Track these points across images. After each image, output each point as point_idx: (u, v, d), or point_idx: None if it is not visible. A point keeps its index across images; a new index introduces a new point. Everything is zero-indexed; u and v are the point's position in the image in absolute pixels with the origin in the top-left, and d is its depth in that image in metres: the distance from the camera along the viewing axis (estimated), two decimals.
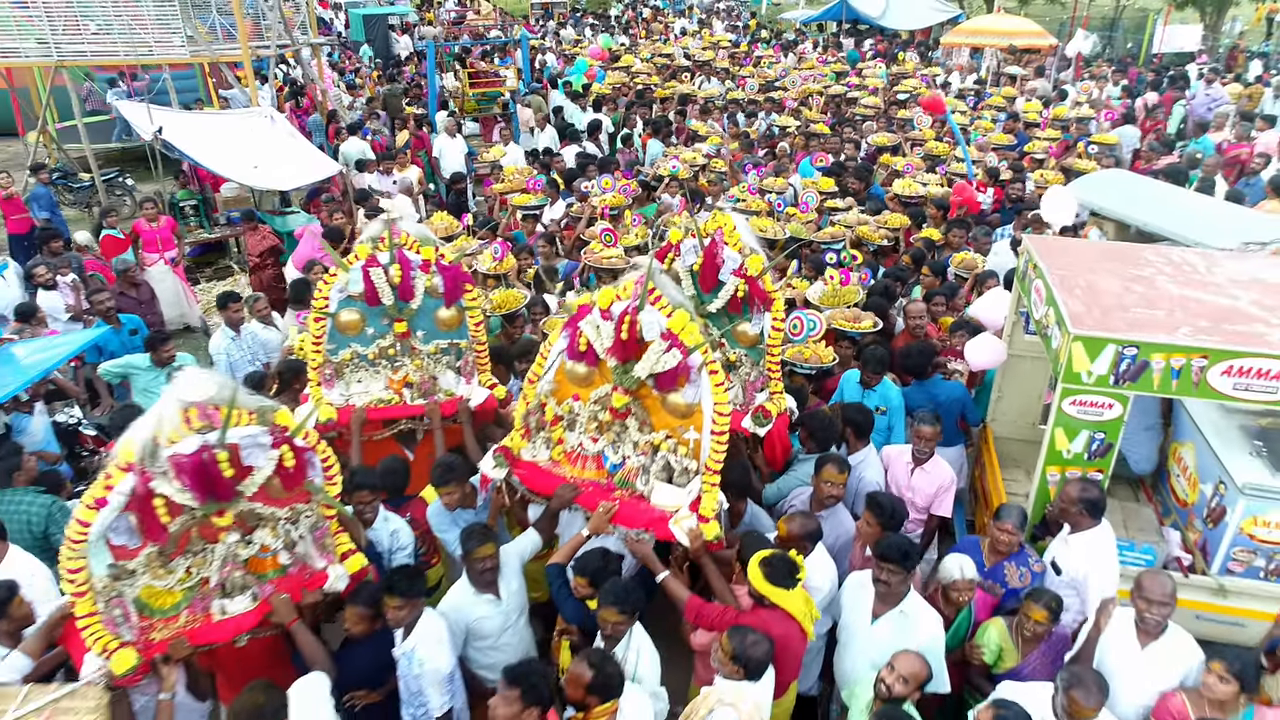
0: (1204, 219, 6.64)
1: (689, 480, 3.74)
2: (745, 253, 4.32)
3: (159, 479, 3.04)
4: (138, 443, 3.00)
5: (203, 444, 3.05)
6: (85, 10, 11.75)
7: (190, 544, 3.36)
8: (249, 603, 3.46)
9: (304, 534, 3.57)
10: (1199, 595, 4.26)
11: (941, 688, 3.57)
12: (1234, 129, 11.23)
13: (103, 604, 3.18)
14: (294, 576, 3.57)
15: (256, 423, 3.18)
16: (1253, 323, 4.03)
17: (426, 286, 4.77)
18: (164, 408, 3.04)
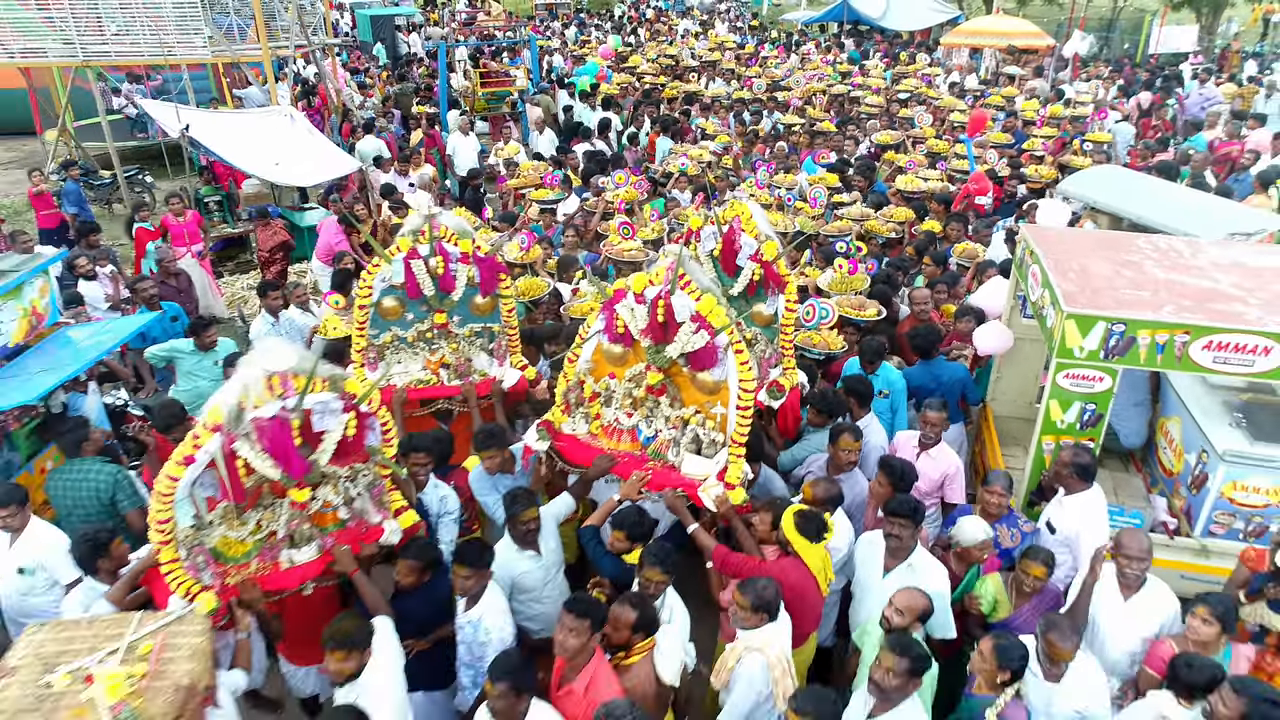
0: (1192, 212, 6.97)
1: (716, 451, 4.07)
2: (761, 239, 4.66)
3: (241, 441, 3.36)
4: (225, 406, 3.33)
5: (282, 408, 3.38)
6: (109, 12, 12.04)
7: (261, 499, 3.70)
8: (314, 553, 3.79)
9: (361, 491, 3.90)
10: (1183, 556, 4.61)
11: (948, 633, 3.91)
12: (1225, 127, 11.57)
13: (185, 552, 3.50)
14: (352, 530, 3.89)
15: (330, 390, 3.51)
16: (1231, 302, 4.38)
17: (467, 277, 5.10)
18: (249, 375, 3.36)
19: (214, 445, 3.34)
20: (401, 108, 15.90)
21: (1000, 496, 4.39)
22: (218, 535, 3.62)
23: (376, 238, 9.47)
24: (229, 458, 3.36)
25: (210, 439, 3.32)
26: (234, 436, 3.34)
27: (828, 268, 6.58)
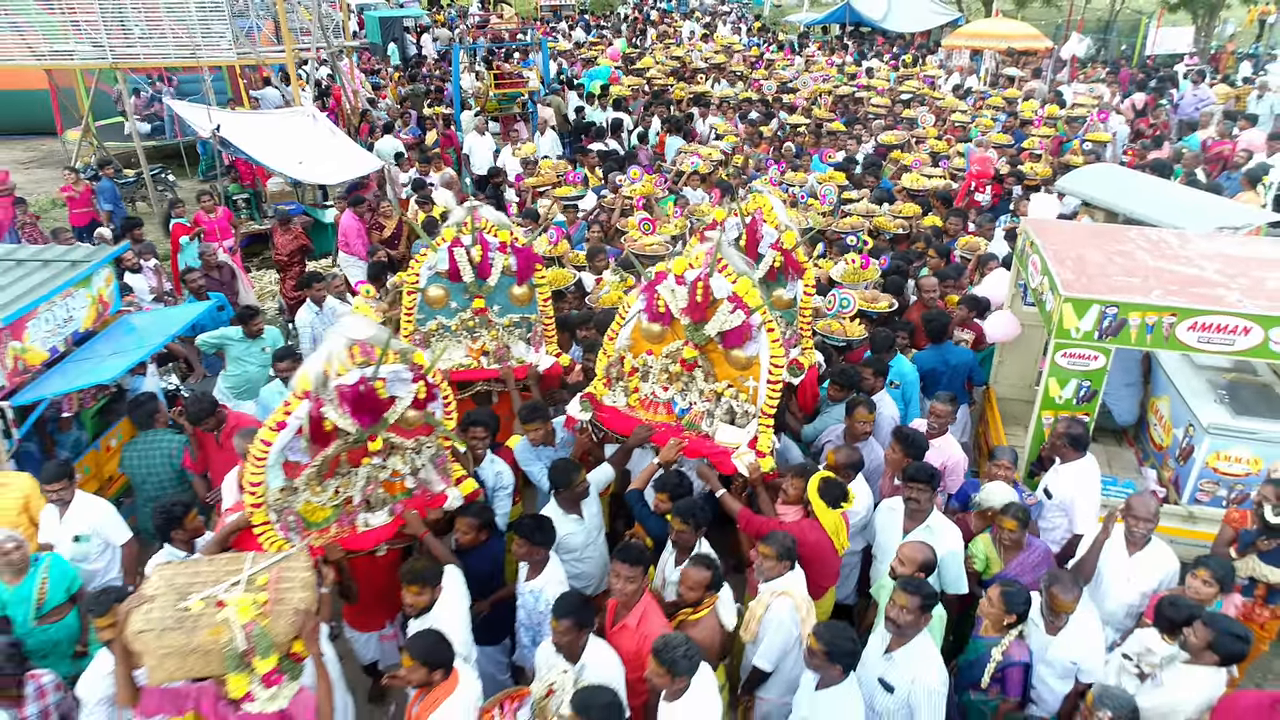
0: (1183, 207, 7.38)
1: (748, 422, 4.47)
2: (781, 229, 5.06)
3: (328, 405, 3.76)
4: (312, 374, 3.71)
5: (361, 376, 3.77)
6: (135, 14, 12.40)
7: (339, 467, 4.08)
8: (386, 518, 4.18)
9: (425, 462, 4.29)
10: (1172, 522, 5.00)
11: (960, 588, 4.31)
12: (1218, 127, 11.98)
13: (275, 515, 3.89)
14: (419, 497, 4.28)
15: (400, 361, 3.90)
16: (1215, 287, 4.78)
17: (503, 266, 5.50)
18: (332, 345, 3.74)
19: (303, 411, 3.72)
20: (414, 108, 16.30)
21: (1007, 470, 4.77)
22: (302, 500, 4.00)
23: (403, 233, 9.90)
24: (317, 421, 3.75)
25: (299, 405, 3.71)
26: (321, 401, 3.72)
27: (840, 260, 6.97)
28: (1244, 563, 4.38)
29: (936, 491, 4.39)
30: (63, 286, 5.42)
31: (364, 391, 3.79)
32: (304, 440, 3.82)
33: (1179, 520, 4.99)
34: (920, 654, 3.64)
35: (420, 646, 3.38)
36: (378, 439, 3.97)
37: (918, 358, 5.98)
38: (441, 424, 4.25)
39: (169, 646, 3.04)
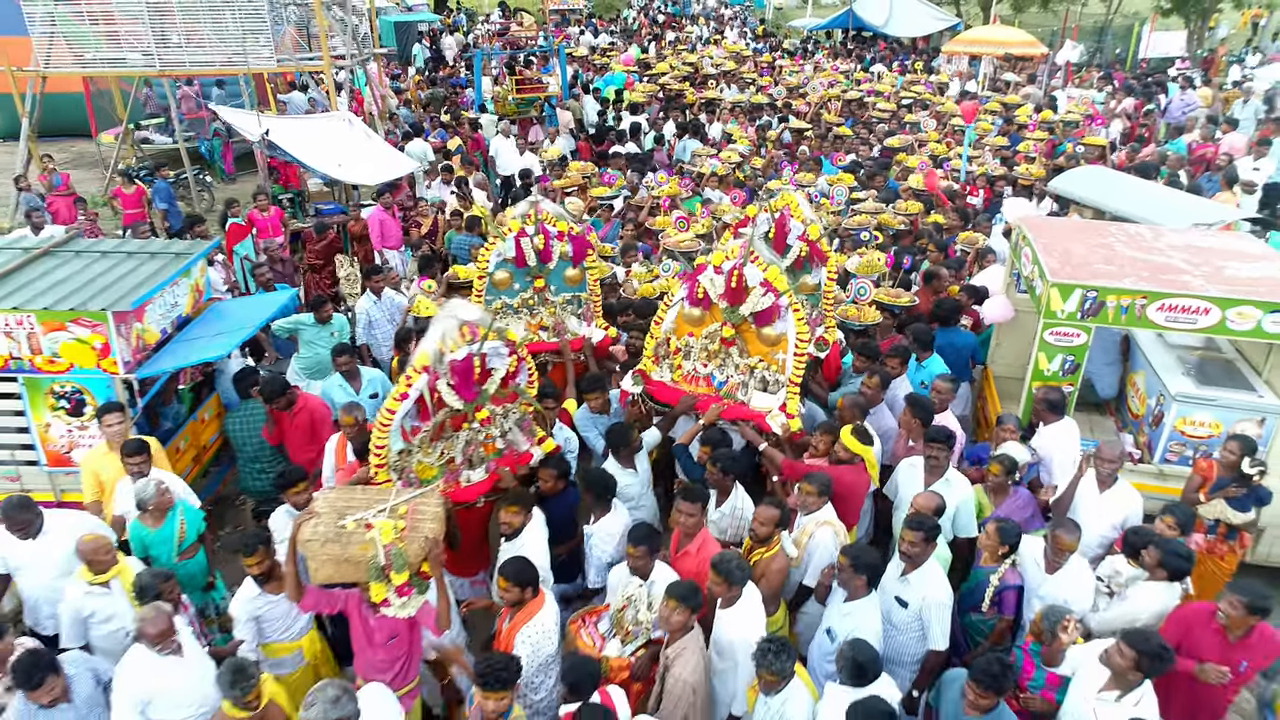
0: (1162, 206, 8.15)
1: (779, 390, 5.22)
2: (806, 222, 5.81)
3: (442, 380, 4.48)
4: (429, 351, 4.43)
5: (469, 352, 4.50)
6: (187, 23, 13.10)
7: (444, 432, 4.81)
8: (483, 474, 4.90)
9: (512, 425, 5.02)
10: (1146, 479, 5.75)
11: (971, 531, 5.05)
12: (1201, 131, 12.76)
13: (396, 474, 4.62)
14: (508, 456, 5.01)
15: (498, 338, 4.63)
16: (1180, 274, 5.55)
17: (560, 252, 6.27)
18: (445, 326, 4.46)
19: (422, 383, 4.44)
20: (435, 112, 17.04)
21: (1012, 432, 5.50)
22: (415, 460, 4.73)
23: (438, 229, 10.65)
24: (433, 393, 4.48)
25: (419, 379, 4.43)
26: (437, 375, 4.45)
27: (852, 254, 7.73)
28: (1211, 506, 5.12)
29: (952, 450, 5.14)
30: (174, 276, 6.17)
31: (471, 365, 4.53)
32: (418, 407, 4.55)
33: (1151, 478, 5.74)
34: (929, 576, 4.39)
35: (513, 569, 4.12)
36: (484, 409, 4.70)
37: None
38: (525, 392, 4.99)
39: (328, 555, 3.80)
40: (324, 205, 12.62)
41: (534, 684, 4.21)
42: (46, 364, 5.59)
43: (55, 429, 5.79)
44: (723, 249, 5.24)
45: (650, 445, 5.47)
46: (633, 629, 4.25)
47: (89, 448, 5.75)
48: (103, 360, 5.59)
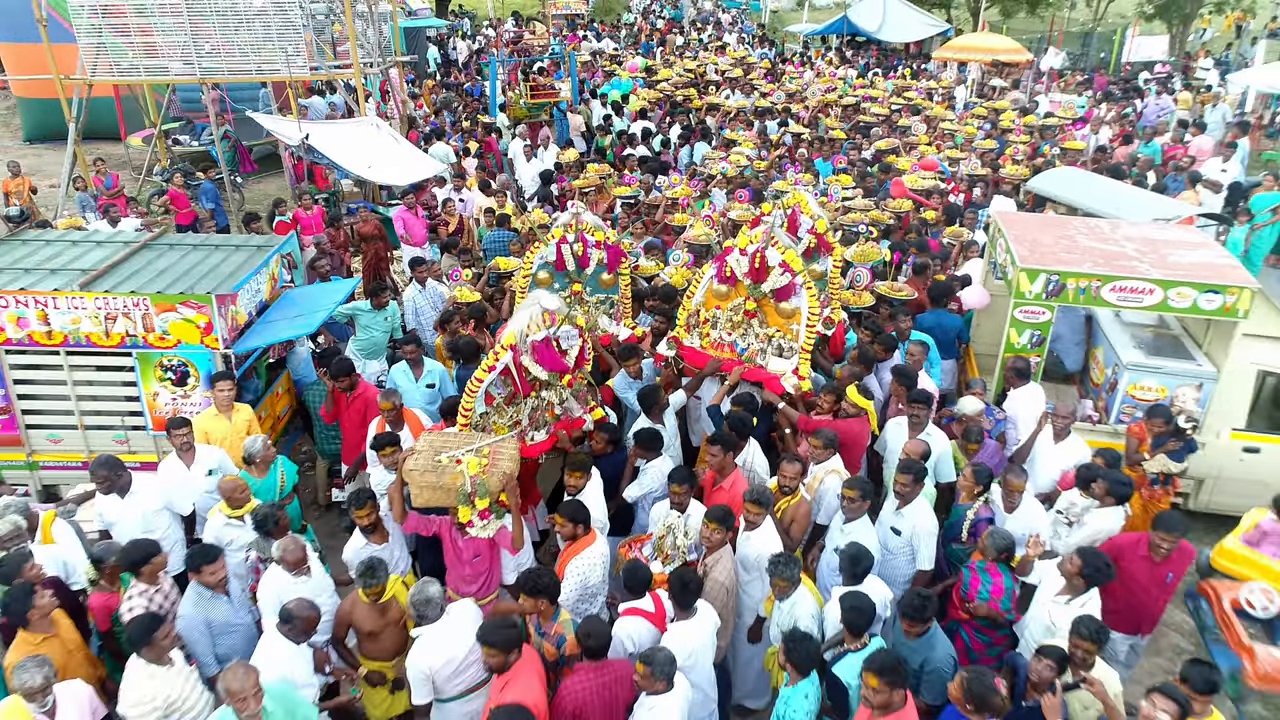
0: (1126, 203, 9.11)
1: (793, 356, 6.15)
2: (814, 217, 6.74)
3: (525, 355, 5.39)
4: (515, 332, 5.33)
5: (547, 335, 5.41)
6: (225, 33, 13.93)
7: (515, 399, 5.71)
8: (544, 435, 5.80)
9: (568, 396, 5.91)
10: (1103, 437, 6.69)
11: (950, 477, 5.97)
12: (1172, 134, 13.74)
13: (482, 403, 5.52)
14: (564, 421, 5.92)
15: (569, 324, 5.53)
16: (1131, 261, 6.50)
17: (598, 259, 7.15)
18: (530, 311, 5.34)
19: (507, 358, 5.34)
20: (450, 116, 17.94)
21: (979, 393, 6.45)
22: (492, 422, 5.65)
23: (464, 228, 11.56)
24: (517, 366, 5.39)
25: (505, 354, 5.33)
26: (520, 351, 5.36)
27: (851, 245, 8.66)
28: (1155, 462, 6.05)
29: (931, 409, 6.07)
30: (261, 266, 7.07)
31: (550, 344, 5.44)
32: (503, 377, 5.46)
33: (1108, 436, 6.68)
34: (918, 509, 5.31)
35: (568, 510, 5.03)
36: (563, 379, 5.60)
37: (920, 319, 7.59)
38: (580, 368, 5.89)
39: (426, 483, 4.71)
40: (354, 204, 13.49)
41: (579, 611, 5.03)
42: (157, 340, 6.48)
43: (161, 397, 6.67)
44: (747, 235, 6.16)
45: (676, 405, 6.39)
46: (671, 552, 5.17)
47: (189, 414, 6.64)
48: (205, 337, 6.48)
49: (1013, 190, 10.90)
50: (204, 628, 4.60)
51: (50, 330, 6.40)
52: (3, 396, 6.63)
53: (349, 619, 4.78)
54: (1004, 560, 4.82)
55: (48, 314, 6.35)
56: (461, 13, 35.70)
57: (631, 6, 41.37)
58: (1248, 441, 6.63)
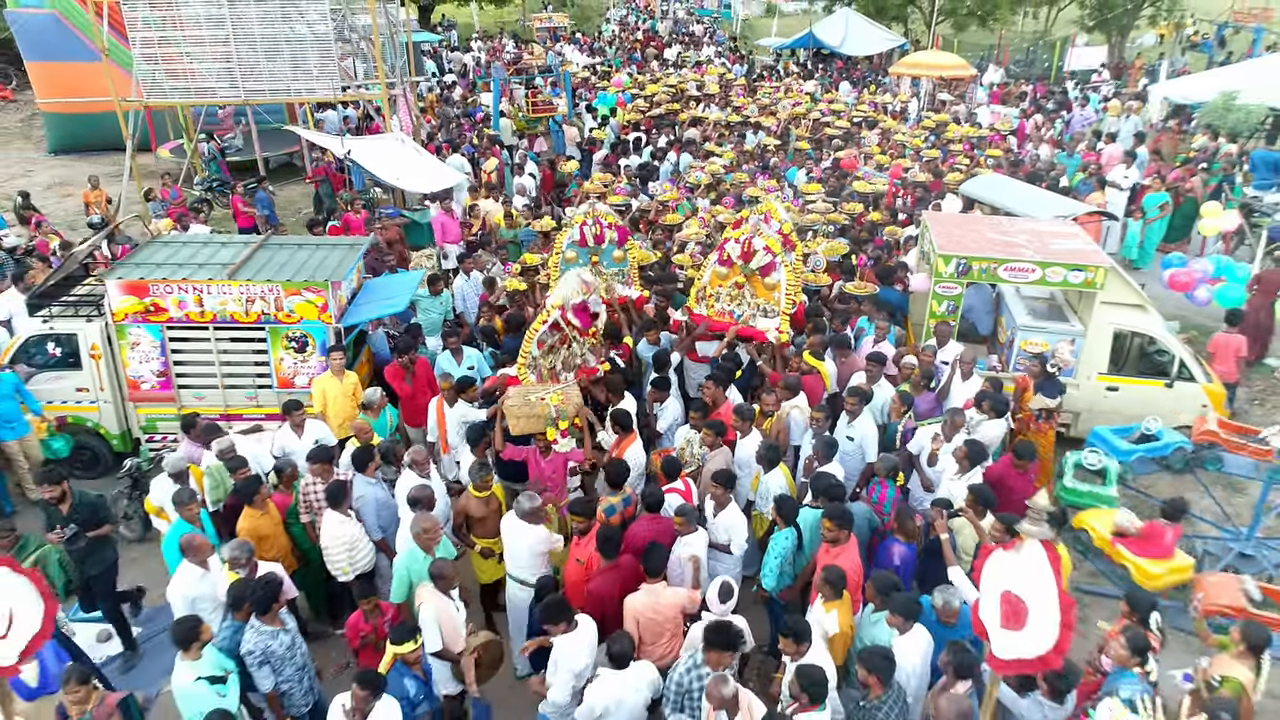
0: (1036, 203, 11.34)
1: (775, 316, 8.25)
2: (781, 220, 8.86)
3: (569, 313, 7.46)
4: (562, 296, 7.41)
5: (584, 300, 7.49)
6: (269, 57, 15.75)
7: (554, 350, 7.78)
8: (572, 376, 7.89)
9: (586, 350, 7.99)
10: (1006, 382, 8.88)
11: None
12: (1087, 143, 16.11)
13: (531, 373, 7.60)
14: (583, 369, 7.97)
15: (598, 294, 7.62)
16: (1020, 248, 8.71)
17: (609, 238, 9.22)
18: (573, 282, 7.44)
19: (556, 315, 7.43)
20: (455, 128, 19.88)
21: (928, 356, 8.58)
22: (539, 365, 7.72)
23: (486, 227, 13.56)
24: (565, 321, 7.48)
25: (555, 312, 7.43)
26: (565, 311, 7.44)
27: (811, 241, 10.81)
28: (1036, 400, 8.23)
29: (882, 367, 8.18)
30: (357, 259, 9.07)
31: (586, 307, 7.53)
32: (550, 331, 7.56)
33: (1007, 380, 8.87)
34: (865, 421, 7.42)
35: (619, 416, 7.14)
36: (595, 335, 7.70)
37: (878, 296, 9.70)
38: (596, 326, 7.98)
39: (523, 414, 6.77)
40: (386, 209, 15.40)
41: (634, 483, 7.08)
42: (284, 317, 8.45)
43: (285, 363, 8.64)
44: (738, 229, 8.29)
45: (676, 360, 8.48)
46: (689, 459, 7.26)
47: (305, 375, 8.62)
48: (322, 314, 8.46)
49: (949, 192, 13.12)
50: (372, 504, 6.63)
51: (203, 310, 8.36)
52: (163, 363, 8.57)
53: (464, 510, 6.77)
54: (891, 476, 6.92)
55: (202, 298, 8.31)
56: (445, 24, 37.50)
57: (609, 17, 43.46)
58: (1109, 383, 8.88)
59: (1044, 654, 3.28)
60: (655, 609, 5.45)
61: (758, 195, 12.01)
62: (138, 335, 8.43)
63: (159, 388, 8.68)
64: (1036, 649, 3.32)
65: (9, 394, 8.15)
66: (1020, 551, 3.41)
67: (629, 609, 5.48)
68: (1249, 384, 10.70)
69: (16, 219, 13.95)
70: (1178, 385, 8.79)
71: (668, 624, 5.51)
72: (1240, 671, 5.06)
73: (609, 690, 4.89)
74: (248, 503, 6.37)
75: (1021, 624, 3.37)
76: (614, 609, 5.56)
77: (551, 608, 5.23)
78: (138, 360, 8.53)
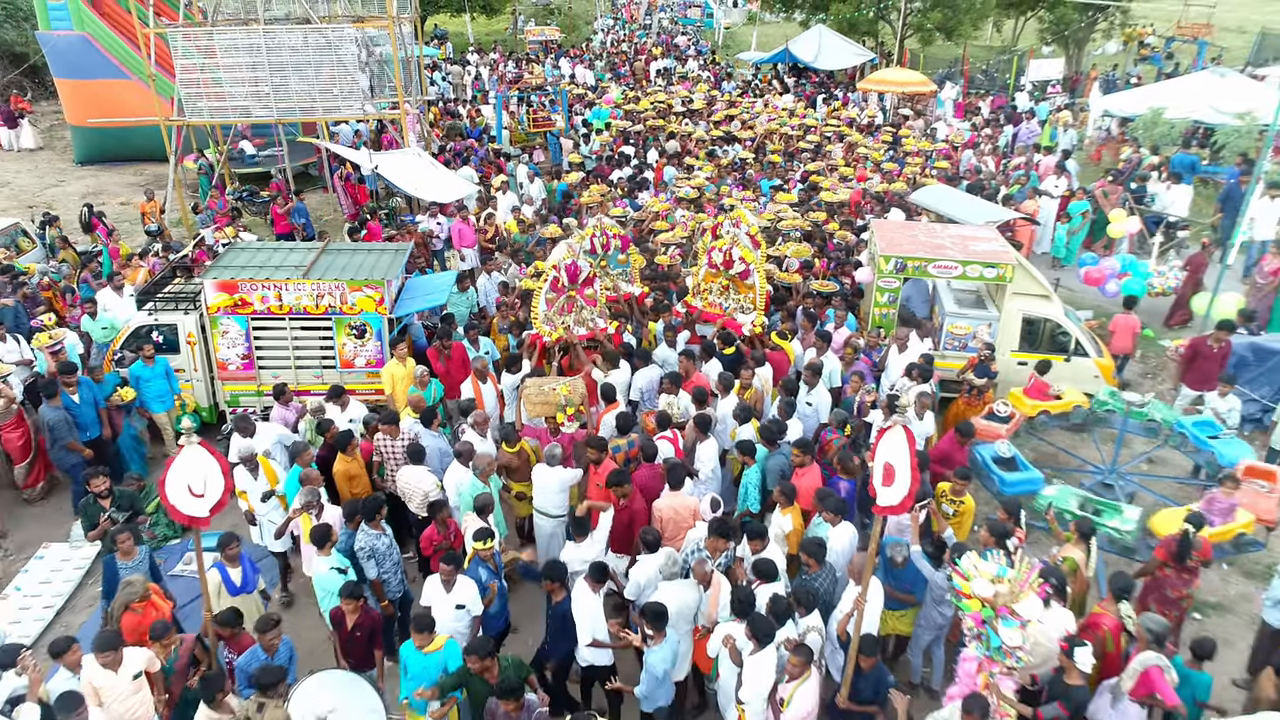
0: (972, 210, 13.38)
1: (751, 312, 10.22)
2: (750, 225, 10.84)
3: (561, 273, 9.45)
4: (556, 258, 9.40)
5: (573, 261, 9.48)
6: (300, 79, 17.54)
7: (563, 314, 9.75)
8: (584, 329, 9.84)
9: (593, 316, 9.94)
10: (941, 360, 10.89)
11: (838, 382, 10.13)
12: (1026, 155, 18.21)
13: (547, 325, 9.57)
14: (590, 332, 9.91)
15: (584, 257, 9.59)
16: (946, 249, 10.72)
17: (614, 245, 11.17)
18: (561, 248, 9.46)
19: (553, 274, 9.43)
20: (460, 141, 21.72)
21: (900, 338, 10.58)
22: (552, 320, 9.69)
23: (500, 233, 15.46)
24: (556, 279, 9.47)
25: (552, 271, 9.44)
26: (558, 268, 9.42)
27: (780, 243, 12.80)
28: (972, 379, 10.23)
29: (829, 344, 10.15)
30: (404, 261, 10.96)
31: (576, 267, 9.53)
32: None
33: (938, 357, 10.88)
34: (821, 391, 9.38)
35: (605, 390, 9.09)
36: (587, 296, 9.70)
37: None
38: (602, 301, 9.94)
39: (539, 400, 8.67)
40: (405, 217, 17.25)
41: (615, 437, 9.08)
42: (348, 310, 10.32)
43: (347, 347, 10.50)
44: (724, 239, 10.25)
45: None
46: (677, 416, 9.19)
47: (363, 358, 10.48)
48: (379, 307, 10.34)
49: (901, 202, 15.16)
50: (436, 453, 8.52)
51: (282, 304, 10.21)
52: (247, 348, 10.42)
53: (501, 461, 8.62)
54: (840, 427, 8.84)
55: (281, 294, 10.17)
56: (438, 34, 39.17)
57: (597, 29, 45.36)
58: (1020, 358, 10.92)
59: (901, 502, 5.23)
60: (675, 509, 7.43)
61: (733, 204, 14.00)
62: (227, 325, 10.28)
63: (243, 369, 10.52)
64: (897, 499, 5.24)
65: (161, 375, 10.06)
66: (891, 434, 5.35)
67: (656, 509, 7.51)
68: (1144, 360, 12.79)
69: (82, 228, 15.70)
70: (1075, 360, 10.83)
71: (684, 522, 7.45)
72: (1077, 554, 7.06)
73: (644, 569, 6.83)
74: (342, 450, 8.24)
75: (892, 482, 5.28)
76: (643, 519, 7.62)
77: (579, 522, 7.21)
78: (226, 346, 10.38)
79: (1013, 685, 5.86)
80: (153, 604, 6.71)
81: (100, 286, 11.79)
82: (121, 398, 9.75)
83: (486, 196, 16.85)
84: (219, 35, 17.17)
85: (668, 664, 6.13)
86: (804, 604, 6.27)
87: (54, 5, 24.17)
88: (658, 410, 9.11)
